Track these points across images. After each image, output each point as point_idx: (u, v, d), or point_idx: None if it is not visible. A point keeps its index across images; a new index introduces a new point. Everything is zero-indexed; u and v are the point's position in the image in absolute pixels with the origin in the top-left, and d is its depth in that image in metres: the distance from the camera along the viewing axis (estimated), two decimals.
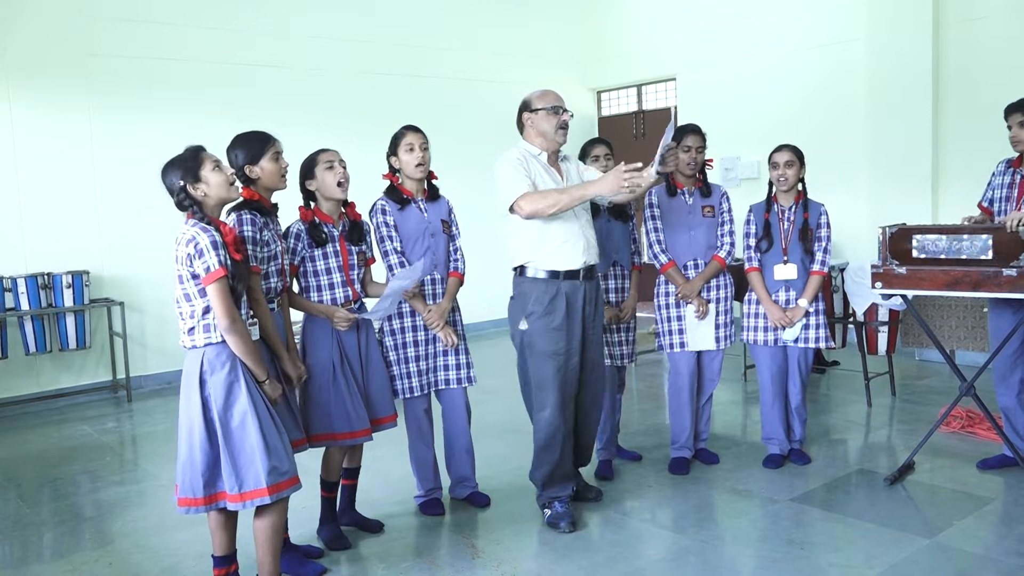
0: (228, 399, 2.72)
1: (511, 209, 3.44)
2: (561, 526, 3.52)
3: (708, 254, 4.15)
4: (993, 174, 4.10)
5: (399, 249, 3.61)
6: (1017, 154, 3.98)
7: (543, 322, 3.49)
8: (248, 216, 3.00)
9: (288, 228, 3.34)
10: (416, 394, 3.67)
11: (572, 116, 3.62)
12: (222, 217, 2.87)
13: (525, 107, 3.61)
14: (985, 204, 4.08)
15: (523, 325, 3.53)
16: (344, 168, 3.38)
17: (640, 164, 3.24)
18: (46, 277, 6.02)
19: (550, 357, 3.49)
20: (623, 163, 3.28)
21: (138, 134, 6.46)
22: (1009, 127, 3.90)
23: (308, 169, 3.37)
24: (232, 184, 2.81)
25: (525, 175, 3.44)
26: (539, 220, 3.44)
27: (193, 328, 2.72)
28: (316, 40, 7.48)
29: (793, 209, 4.16)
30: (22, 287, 5.89)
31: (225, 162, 2.91)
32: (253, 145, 3.07)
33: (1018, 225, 3.56)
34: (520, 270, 3.57)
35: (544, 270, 3.49)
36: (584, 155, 4.19)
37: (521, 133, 3.65)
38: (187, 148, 2.77)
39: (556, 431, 3.53)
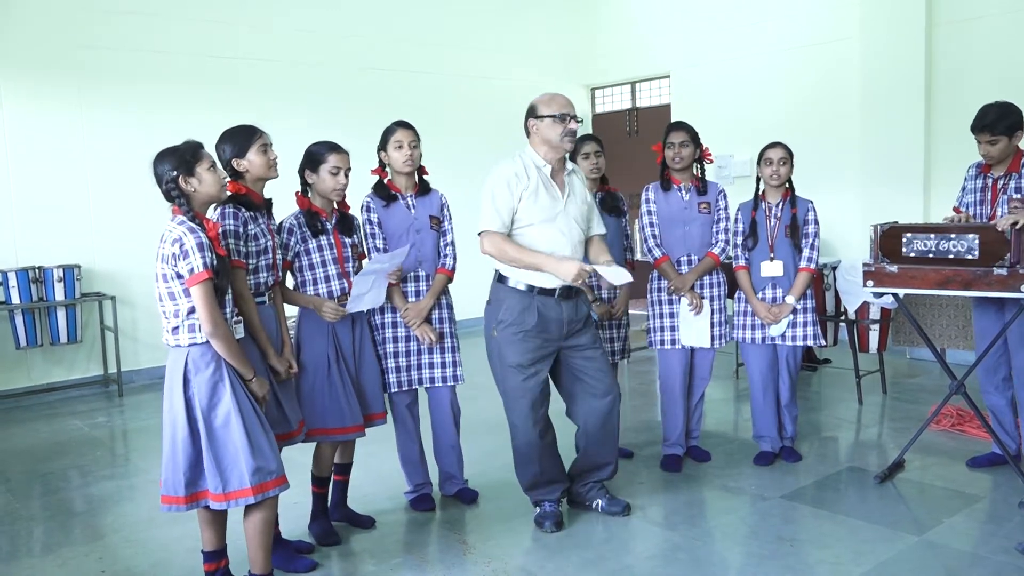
0: (212, 399, 2.71)
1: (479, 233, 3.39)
2: (545, 526, 3.50)
3: (703, 251, 4.15)
4: (965, 178, 4.11)
5: (380, 247, 3.60)
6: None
7: (511, 332, 3.41)
8: (231, 210, 3.00)
9: (280, 223, 3.34)
10: (396, 389, 3.66)
11: (581, 123, 3.45)
12: (208, 213, 2.86)
13: (531, 113, 3.43)
14: (961, 208, 4.08)
15: (494, 332, 3.46)
16: (347, 178, 3.37)
17: (599, 268, 3.36)
18: (37, 271, 6.00)
19: (516, 369, 3.41)
20: (591, 265, 3.38)
21: (131, 128, 6.43)
22: (979, 142, 3.90)
23: (313, 162, 3.35)
24: (223, 186, 2.83)
25: (508, 206, 3.33)
26: (525, 238, 3.37)
27: (178, 328, 2.71)
28: (311, 35, 7.45)
29: (780, 205, 4.17)
30: (13, 280, 5.86)
31: (218, 164, 2.92)
32: (239, 139, 3.06)
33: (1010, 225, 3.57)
34: (500, 277, 3.48)
35: (524, 283, 3.40)
36: (575, 153, 4.15)
37: (528, 138, 3.49)
38: (186, 142, 2.77)
39: (530, 444, 3.47)
